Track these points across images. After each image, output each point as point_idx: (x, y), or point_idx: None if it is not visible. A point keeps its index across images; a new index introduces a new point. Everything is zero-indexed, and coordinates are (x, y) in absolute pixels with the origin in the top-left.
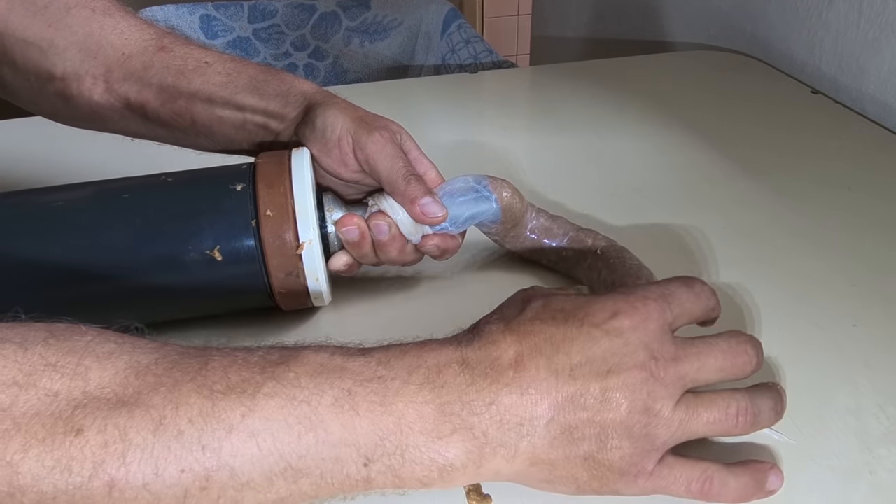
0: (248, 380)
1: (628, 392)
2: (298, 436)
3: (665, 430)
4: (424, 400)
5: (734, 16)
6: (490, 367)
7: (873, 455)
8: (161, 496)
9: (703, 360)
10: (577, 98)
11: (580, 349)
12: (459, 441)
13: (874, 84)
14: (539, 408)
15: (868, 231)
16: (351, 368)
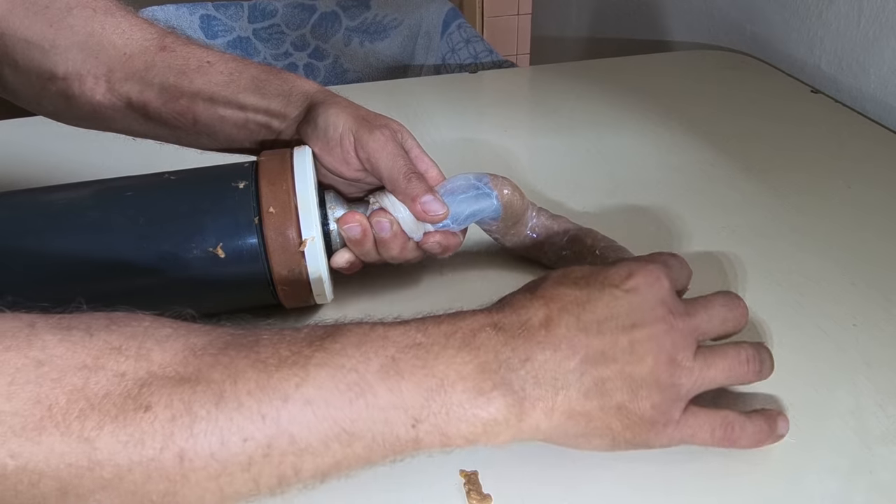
0: (297, 353)
1: (654, 344)
2: (350, 401)
3: (688, 379)
4: (463, 361)
5: (734, 15)
6: (522, 328)
7: (873, 454)
8: (227, 464)
9: (710, 312)
10: (577, 97)
11: (605, 307)
12: (500, 396)
13: (874, 83)
14: (571, 362)
15: (868, 230)
16: (392, 337)
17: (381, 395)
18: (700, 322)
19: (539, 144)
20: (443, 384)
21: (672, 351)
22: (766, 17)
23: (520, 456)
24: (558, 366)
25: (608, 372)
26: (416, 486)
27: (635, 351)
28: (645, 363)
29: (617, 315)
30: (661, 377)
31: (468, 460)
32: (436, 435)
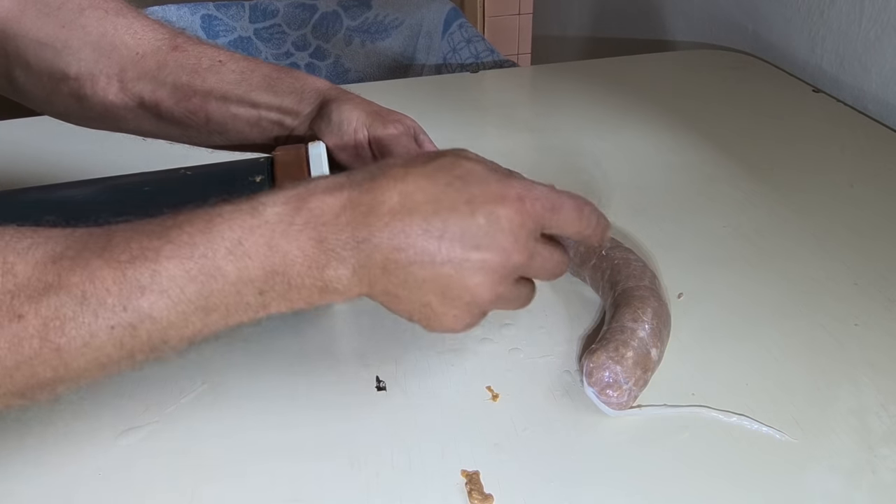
0: (147, 247)
1: (481, 271)
2: (202, 284)
3: (494, 300)
4: (307, 238)
5: (736, 15)
6: (369, 209)
7: (875, 454)
8: (101, 348)
9: (545, 263)
10: (578, 97)
11: (456, 221)
12: (333, 270)
13: (876, 83)
14: (402, 255)
15: (870, 229)
16: (238, 219)
17: (230, 273)
18: (535, 267)
19: (540, 144)
20: (285, 260)
21: (495, 283)
22: (768, 17)
23: (521, 456)
24: (390, 253)
25: (429, 274)
26: (417, 487)
27: (462, 268)
28: (465, 283)
29: (462, 232)
30: (475, 299)
31: (470, 460)
32: (280, 301)
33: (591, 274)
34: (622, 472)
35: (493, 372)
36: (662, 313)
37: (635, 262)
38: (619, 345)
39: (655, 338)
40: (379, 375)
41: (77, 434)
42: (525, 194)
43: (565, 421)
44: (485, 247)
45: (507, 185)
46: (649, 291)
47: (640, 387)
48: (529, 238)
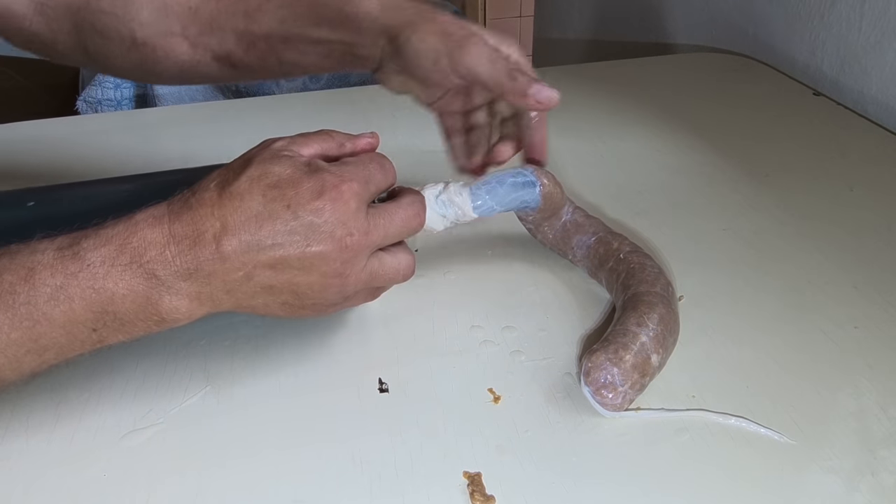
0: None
1: (322, 261)
2: (27, 329)
3: (355, 282)
4: (134, 275)
5: (736, 18)
6: (194, 240)
7: (875, 457)
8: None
9: (388, 228)
10: (579, 100)
11: (283, 227)
12: (168, 301)
13: (876, 86)
14: (239, 273)
15: (870, 233)
16: (59, 266)
17: (56, 318)
18: (378, 237)
19: None
20: (113, 299)
21: (340, 268)
22: (769, 20)
23: (523, 458)
24: (226, 275)
25: (275, 281)
26: (419, 488)
27: (304, 266)
28: (311, 275)
29: (293, 235)
30: (327, 286)
31: (472, 462)
32: (118, 334)
33: (607, 276)
34: (623, 474)
35: (494, 374)
36: (669, 320)
37: (651, 268)
38: (619, 347)
39: (658, 344)
40: (381, 377)
41: (81, 436)
42: (338, 181)
43: (567, 423)
44: (317, 240)
45: (318, 178)
46: (659, 298)
47: (637, 391)
48: (359, 216)
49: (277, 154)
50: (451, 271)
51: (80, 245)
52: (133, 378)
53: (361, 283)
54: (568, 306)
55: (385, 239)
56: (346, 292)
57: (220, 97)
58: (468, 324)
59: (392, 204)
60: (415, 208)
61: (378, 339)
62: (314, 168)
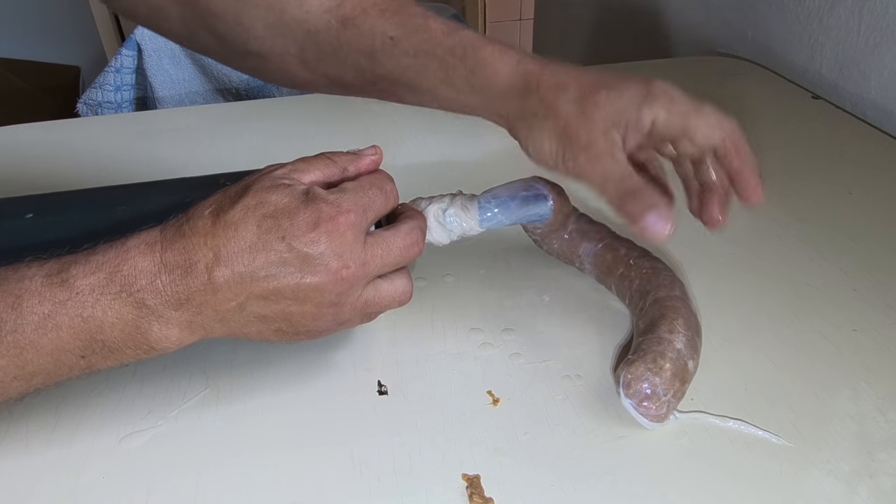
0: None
1: (317, 292)
2: (15, 356)
3: (350, 310)
4: (124, 303)
5: (735, 21)
6: (186, 270)
7: (873, 459)
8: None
9: (386, 258)
10: None
11: (277, 258)
12: (158, 330)
13: (875, 89)
14: (232, 303)
15: (869, 235)
16: (47, 294)
17: (44, 345)
18: (375, 267)
19: None
20: (102, 327)
21: (336, 298)
22: (767, 24)
23: (522, 460)
24: (218, 305)
25: (268, 311)
26: (418, 490)
27: (298, 296)
28: (306, 305)
29: (287, 266)
30: (321, 315)
31: (471, 464)
32: (106, 361)
33: (618, 283)
34: (622, 476)
35: (493, 376)
36: (694, 324)
37: (665, 272)
38: (656, 356)
39: (691, 349)
40: (380, 380)
41: (81, 439)
42: (335, 212)
43: (565, 425)
44: (312, 272)
45: (315, 208)
46: (681, 302)
47: (679, 399)
48: (355, 247)
49: (276, 182)
50: (451, 273)
51: (68, 272)
52: (132, 380)
53: (357, 311)
54: (567, 309)
55: (383, 268)
56: (341, 319)
57: (221, 100)
58: (467, 326)
59: (391, 232)
60: (413, 236)
61: (378, 342)
62: (311, 197)
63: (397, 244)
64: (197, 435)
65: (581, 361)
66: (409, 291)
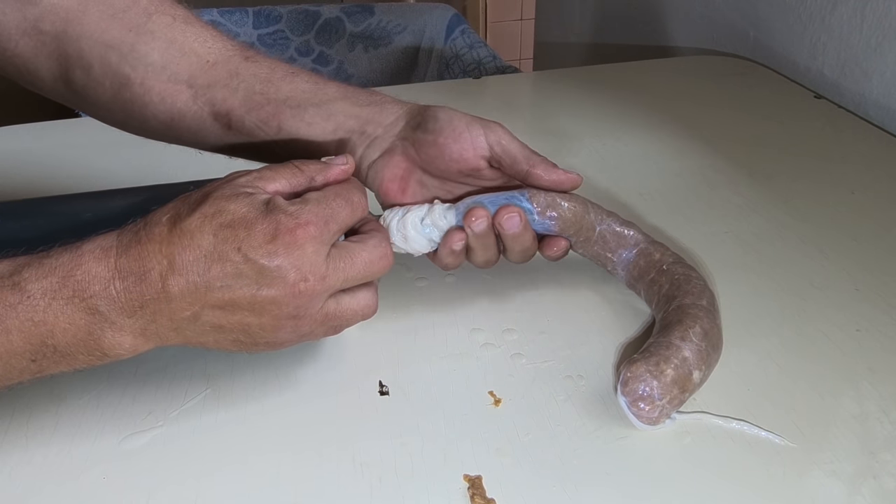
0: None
1: (275, 306)
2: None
3: (310, 323)
4: (76, 309)
5: (737, 20)
6: (140, 278)
7: (877, 460)
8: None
9: (348, 272)
10: (581, 103)
11: (233, 269)
12: (111, 336)
13: (877, 88)
14: (187, 312)
15: (872, 235)
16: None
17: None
18: (336, 281)
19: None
20: (53, 332)
21: (294, 311)
22: (769, 23)
23: (524, 461)
24: (172, 315)
25: (224, 321)
26: (419, 491)
27: (254, 308)
28: (263, 317)
29: (242, 278)
30: (279, 327)
31: (472, 465)
32: (58, 366)
33: (647, 287)
34: (624, 477)
35: (495, 377)
36: (714, 336)
37: (696, 280)
38: (660, 360)
39: (701, 360)
40: (381, 380)
41: (81, 439)
42: (293, 224)
43: (567, 426)
44: (268, 284)
45: (273, 219)
46: (704, 311)
47: (675, 406)
48: (315, 260)
49: (237, 191)
50: (452, 274)
51: (20, 275)
52: (133, 381)
53: (317, 324)
54: (568, 309)
55: (345, 282)
56: (302, 332)
57: None
58: (469, 326)
59: (357, 245)
60: (380, 251)
61: (379, 342)
62: (271, 208)
63: (362, 258)
64: (198, 436)
65: (583, 362)
66: (372, 306)
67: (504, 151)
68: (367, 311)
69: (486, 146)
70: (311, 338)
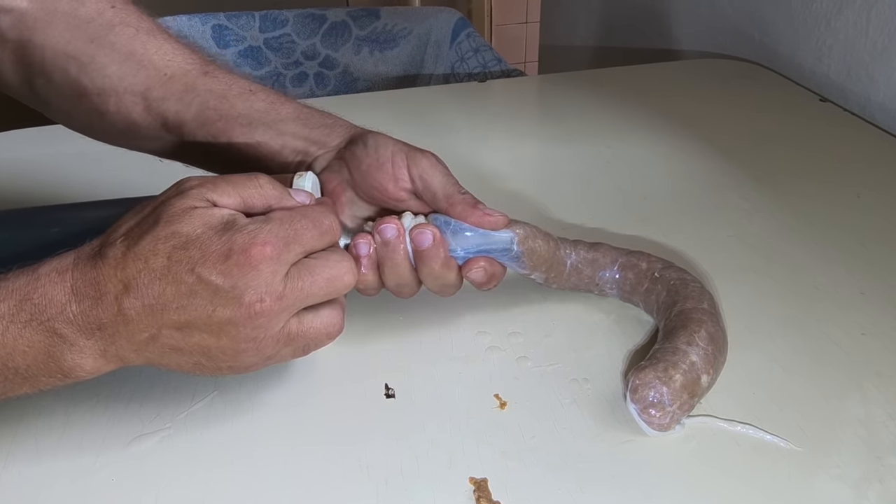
0: None
1: (232, 327)
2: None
3: (273, 344)
4: (34, 331)
5: (742, 24)
6: (96, 301)
7: (883, 464)
8: None
9: (308, 290)
10: (586, 106)
11: (187, 290)
12: (71, 358)
13: (883, 92)
14: (144, 334)
15: (877, 239)
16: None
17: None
18: (294, 300)
19: (547, 153)
20: (13, 354)
21: (252, 332)
22: (775, 26)
23: (529, 463)
24: (131, 337)
25: (183, 344)
26: (425, 494)
27: (211, 330)
28: (221, 339)
29: (196, 298)
30: (240, 351)
31: (478, 468)
32: (21, 388)
33: (645, 298)
34: (629, 480)
35: (501, 380)
36: (719, 338)
37: (693, 283)
38: (668, 366)
39: (708, 364)
40: (388, 383)
41: (89, 441)
42: (248, 244)
43: (573, 429)
44: (223, 305)
45: (228, 240)
46: (707, 315)
47: (685, 411)
48: (272, 280)
49: (190, 204)
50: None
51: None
52: (141, 383)
53: (281, 345)
54: (574, 312)
55: (305, 301)
56: (266, 353)
57: None
58: (474, 329)
59: (318, 262)
60: (343, 266)
61: (384, 345)
62: (227, 227)
63: (323, 275)
64: (205, 438)
65: (588, 365)
66: (337, 324)
67: (425, 187)
68: (332, 329)
69: (407, 179)
70: (277, 360)
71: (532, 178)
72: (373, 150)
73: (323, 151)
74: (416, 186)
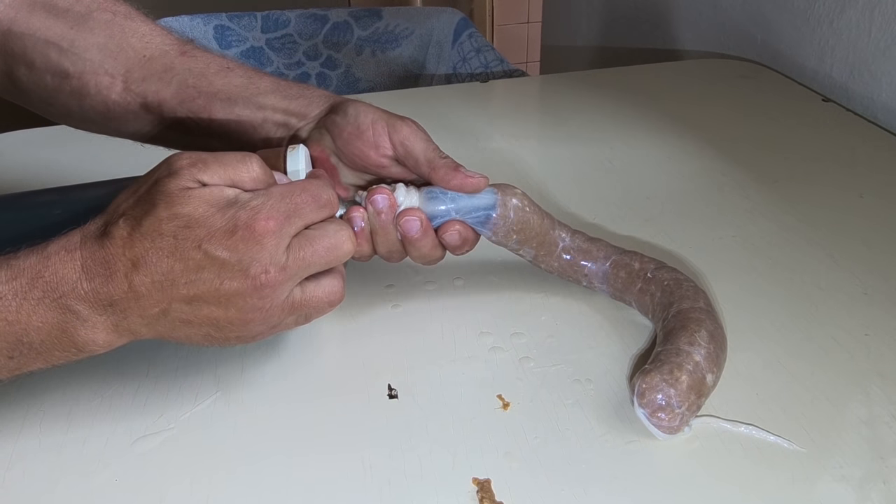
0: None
1: (239, 298)
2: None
3: (279, 313)
4: (48, 308)
5: (745, 24)
6: (107, 278)
7: (886, 464)
8: None
9: (309, 259)
10: (588, 106)
11: (195, 265)
12: (84, 333)
13: (886, 92)
14: (155, 308)
15: (880, 239)
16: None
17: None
18: (298, 269)
19: (549, 153)
20: (27, 329)
21: (259, 303)
22: (777, 26)
23: (532, 464)
24: (142, 311)
25: (192, 316)
26: (428, 494)
27: (220, 302)
28: (229, 310)
29: (205, 272)
30: (247, 320)
31: (481, 468)
32: (35, 363)
33: (638, 298)
34: (632, 481)
35: (504, 380)
36: (718, 336)
37: (686, 283)
38: (673, 367)
39: (712, 363)
40: (391, 384)
41: (93, 441)
42: (251, 219)
43: (576, 429)
44: (229, 277)
45: (231, 216)
46: (705, 314)
47: (693, 412)
48: (276, 252)
49: (183, 190)
50: (461, 277)
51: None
52: (144, 383)
53: (286, 314)
54: (576, 313)
55: (307, 270)
56: (272, 322)
57: None
58: (477, 330)
59: (317, 232)
60: (341, 235)
61: (387, 346)
62: (229, 203)
63: (322, 244)
64: (208, 438)
65: (591, 366)
66: (338, 292)
67: (407, 153)
68: (333, 297)
69: (388, 146)
70: (282, 328)
71: (534, 178)
72: (353, 118)
73: (304, 123)
74: (398, 153)
